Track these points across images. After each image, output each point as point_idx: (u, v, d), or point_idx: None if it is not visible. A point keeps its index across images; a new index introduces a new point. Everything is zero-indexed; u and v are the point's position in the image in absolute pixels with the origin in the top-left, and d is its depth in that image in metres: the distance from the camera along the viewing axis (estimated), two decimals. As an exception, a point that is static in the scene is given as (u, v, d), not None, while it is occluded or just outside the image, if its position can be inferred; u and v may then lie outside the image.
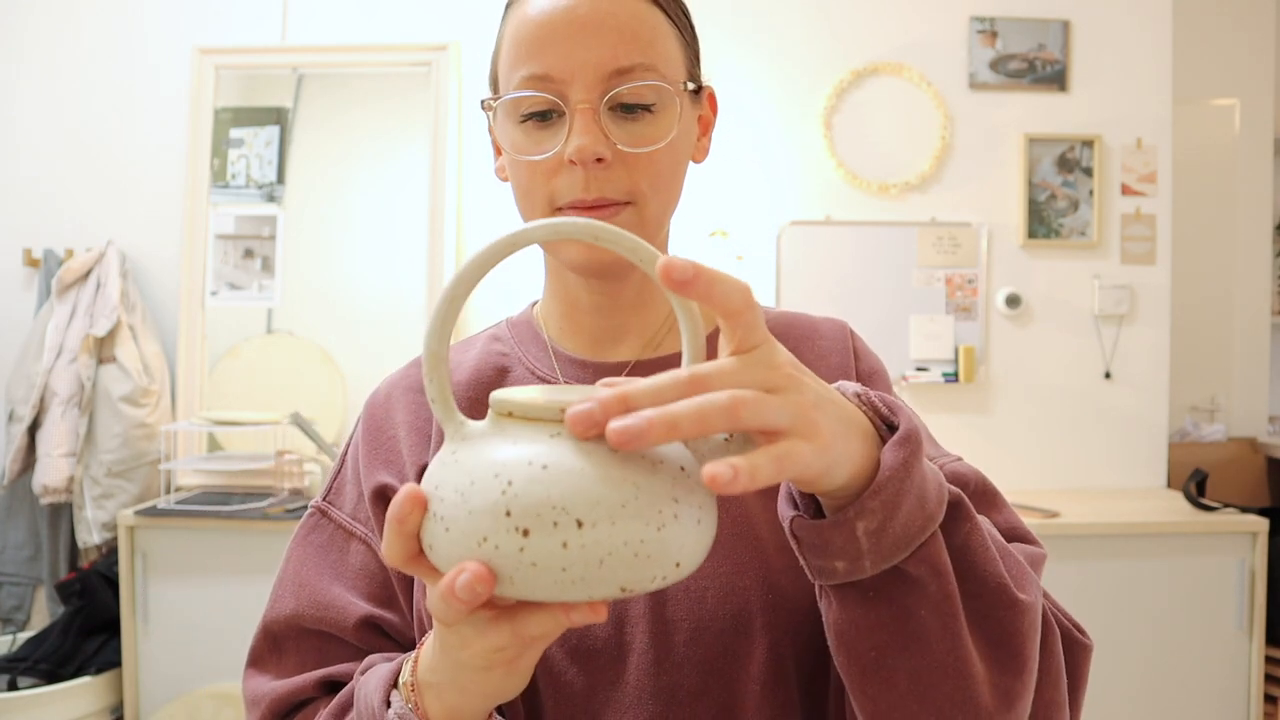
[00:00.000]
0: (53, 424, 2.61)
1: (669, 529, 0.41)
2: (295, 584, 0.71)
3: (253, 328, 2.86)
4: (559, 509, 0.39)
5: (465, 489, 0.41)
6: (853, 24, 2.80)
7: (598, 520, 0.39)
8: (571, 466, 0.40)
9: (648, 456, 0.41)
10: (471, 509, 0.40)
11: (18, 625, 2.73)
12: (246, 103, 2.87)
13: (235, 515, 2.38)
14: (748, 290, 0.43)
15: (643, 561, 0.40)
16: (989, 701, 0.51)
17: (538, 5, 0.65)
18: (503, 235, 0.44)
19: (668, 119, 0.67)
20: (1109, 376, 2.80)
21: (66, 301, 2.70)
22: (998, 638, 0.52)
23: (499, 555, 0.39)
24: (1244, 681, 2.33)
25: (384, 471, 0.71)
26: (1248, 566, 2.32)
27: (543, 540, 0.39)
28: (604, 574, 0.39)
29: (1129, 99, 2.79)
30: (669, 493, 0.41)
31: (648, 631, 0.64)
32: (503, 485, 0.40)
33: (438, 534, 0.42)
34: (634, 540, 0.39)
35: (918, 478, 0.48)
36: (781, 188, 2.80)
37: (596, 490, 0.39)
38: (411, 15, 2.81)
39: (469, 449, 0.43)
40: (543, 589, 0.40)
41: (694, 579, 0.64)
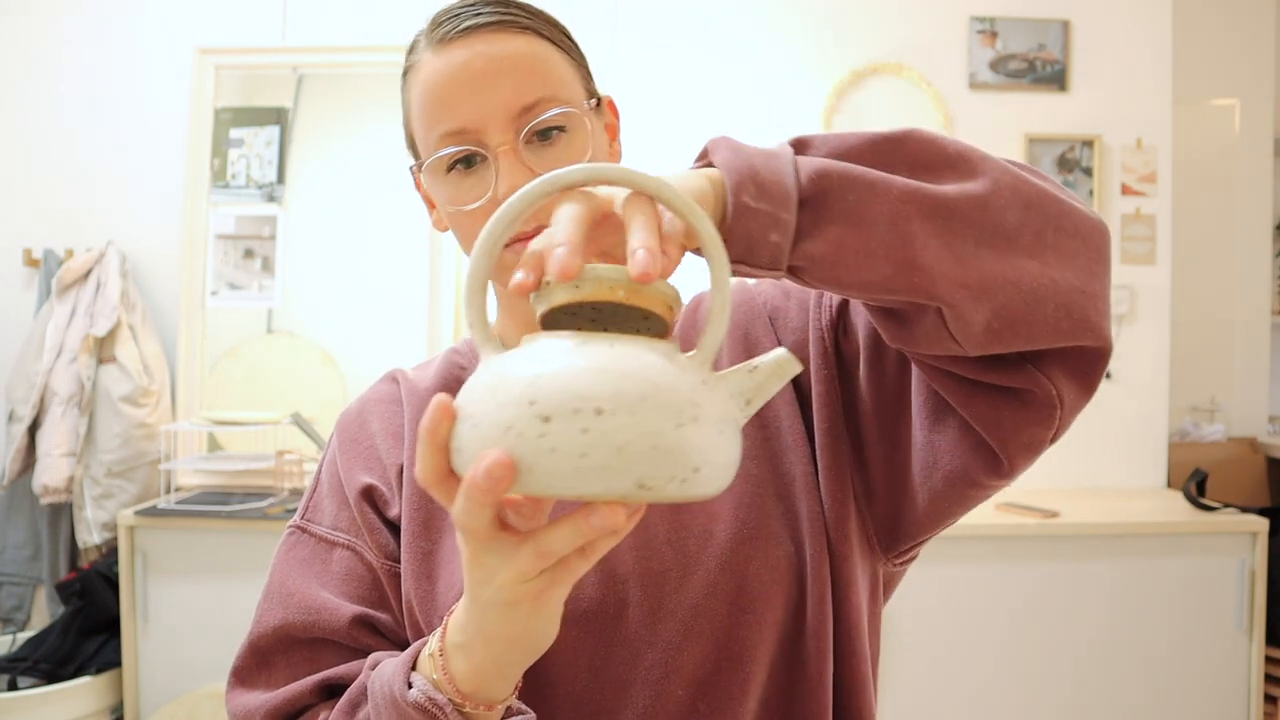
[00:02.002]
0: (53, 424, 2.61)
1: (688, 429, 0.42)
2: (281, 595, 0.71)
3: (253, 328, 2.86)
4: (580, 397, 0.40)
5: (495, 386, 0.42)
6: (853, 24, 2.80)
7: (617, 409, 0.40)
8: (597, 364, 0.41)
9: (669, 366, 0.43)
10: (500, 402, 0.42)
11: (18, 625, 2.74)
12: (247, 103, 2.87)
13: (235, 515, 2.38)
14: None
15: (661, 455, 0.41)
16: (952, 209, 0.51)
17: (434, 67, 0.71)
18: (546, 176, 0.46)
19: (581, 138, 0.70)
20: (1109, 376, 2.80)
21: (66, 301, 2.70)
22: (928, 174, 0.52)
23: (521, 443, 0.40)
24: (1244, 681, 2.33)
25: (365, 474, 0.74)
26: (1248, 566, 2.32)
27: (563, 425, 0.40)
28: (622, 463, 0.40)
29: (1129, 99, 2.79)
30: (689, 397, 0.42)
31: (638, 587, 0.66)
32: (529, 377, 0.41)
33: (465, 434, 0.43)
34: (652, 432, 0.40)
35: (748, 152, 0.51)
36: (781, 188, 2.79)
37: (618, 384, 0.41)
38: (411, 15, 2.80)
39: (500, 360, 0.44)
40: (563, 478, 0.40)
41: (673, 530, 0.67)
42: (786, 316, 0.74)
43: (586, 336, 0.44)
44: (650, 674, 0.66)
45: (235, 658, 0.71)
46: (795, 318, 0.74)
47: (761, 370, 0.48)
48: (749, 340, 0.75)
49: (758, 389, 0.48)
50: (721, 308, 0.47)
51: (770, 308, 0.76)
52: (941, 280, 0.51)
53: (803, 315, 0.73)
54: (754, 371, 0.48)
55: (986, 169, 0.53)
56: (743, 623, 0.66)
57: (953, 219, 0.51)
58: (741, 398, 0.48)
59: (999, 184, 0.53)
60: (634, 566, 0.67)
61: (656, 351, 0.44)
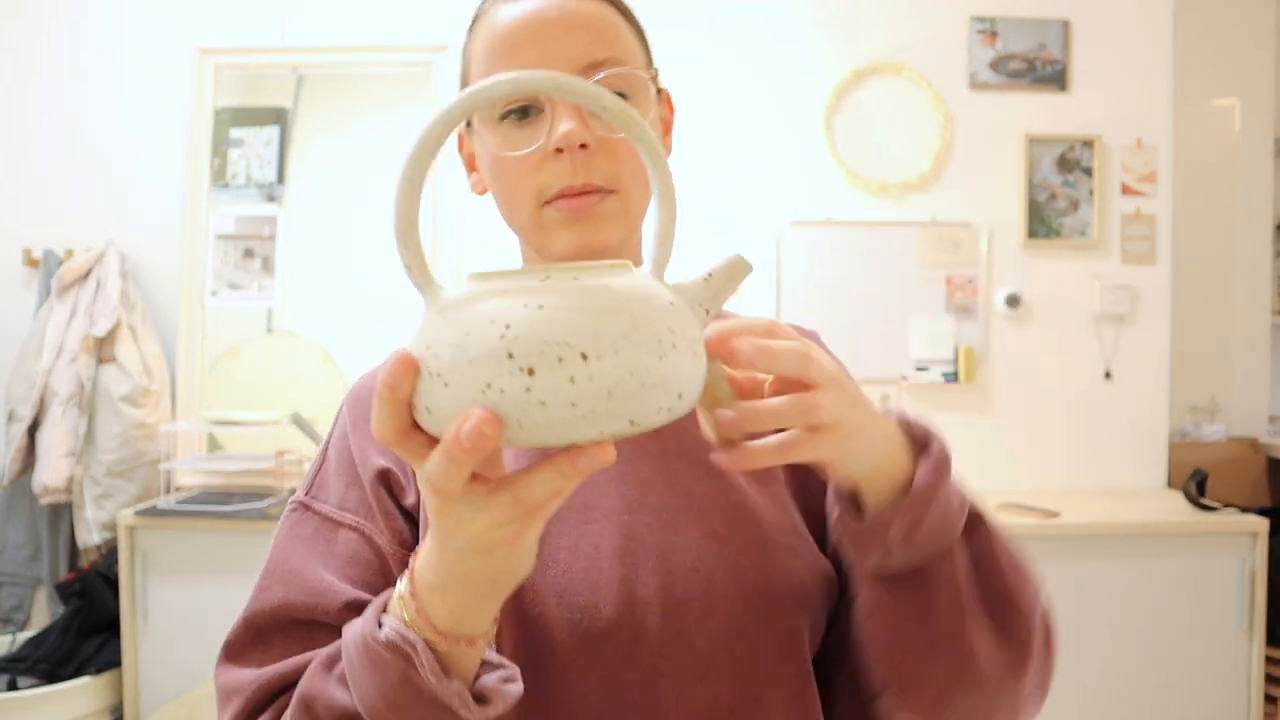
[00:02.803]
0: (53, 424, 2.61)
1: (670, 357, 0.41)
2: (283, 574, 0.68)
3: (253, 328, 2.85)
4: (562, 344, 0.39)
5: (461, 341, 0.40)
6: (853, 24, 2.80)
7: (602, 351, 0.39)
8: (569, 301, 0.40)
9: (640, 290, 0.42)
10: (471, 358, 0.39)
11: (18, 625, 2.73)
12: (247, 103, 2.87)
13: (235, 515, 2.38)
14: (802, 354, 0.50)
15: (649, 390, 0.40)
16: (991, 671, 0.61)
17: (506, 13, 0.68)
18: (468, 90, 0.43)
19: (642, 107, 0.69)
20: (1109, 376, 2.80)
21: (66, 301, 2.70)
22: (1002, 622, 0.61)
23: (505, 399, 0.39)
24: (1244, 682, 2.33)
25: (381, 456, 0.70)
26: (1248, 566, 2.32)
27: (549, 377, 0.38)
28: (613, 406, 0.39)
29: (1129, 99, 2.79)
30: (665, 323, 0.42)
31: (659, 613, 0.64)
32: (500, 329, 0.39)
33: (435, 392, 0.40)
34: (639, 369, 0.40)
35: (944, 493, 0.57)
36: (781, 188, 2.79)
37: (597, 322, 0.39)
38: (411, 15, 2.80)
39: (457, 305, 0.42)
40: (553, 429, 0.39)
41: (700, 559, 0.66)
42: None
43: (548, 269, 0.42)
44: (663, 703, 0.64)
45: (228, 633, 0.68)
46: None
47: (716, 277, 0.48)
48: None
49: (715, 295, 0.48)
50: (669, 216, 0.47)
51: None
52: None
53: None
54: (709, 279, 0.48)
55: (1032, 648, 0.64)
56: (764, 664, 0.65)
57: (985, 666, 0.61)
58: (701, 308, 0.47)
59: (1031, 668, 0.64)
60: (656, 591, 0.65)
61: (622, 276, 0.43)
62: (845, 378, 0.53)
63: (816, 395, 0.50)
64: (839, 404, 0.51)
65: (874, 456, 0.55)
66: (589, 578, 0.65)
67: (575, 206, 0.67)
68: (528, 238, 0.71)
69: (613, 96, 0.44)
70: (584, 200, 0.67)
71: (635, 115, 0.45)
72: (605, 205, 0.68)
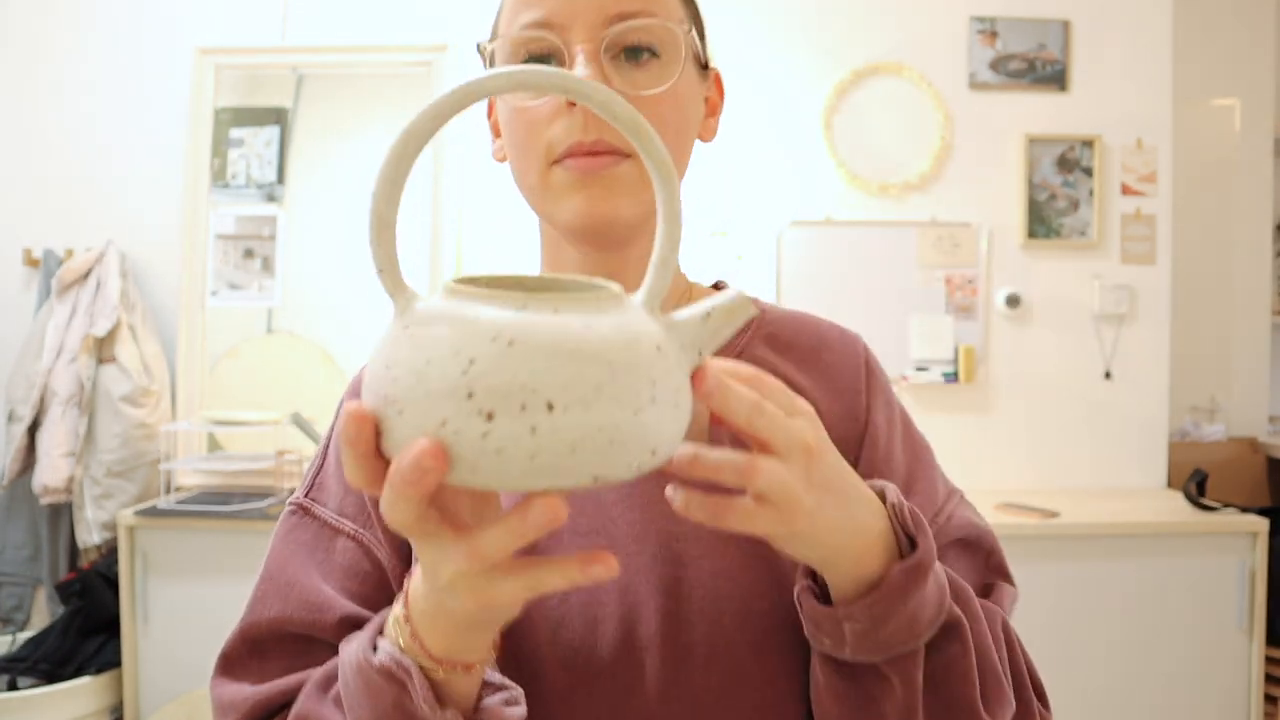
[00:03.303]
0: (53, 424, 2.61)
1: (646, 413, 0.38)
2: (281, 584, 0.64)
3: (253, 328, 2.85)
4: (527, 389, 0.36)
5: (421, 368, 0.37)
6: (853, 24, 2.80)
7: (570, 403, 0.36)
8: (541, 342, 0.36)
9: (624, 333, 0.39)
10: (429, 390, 0.36)
11: (17, 625, 2.73)
12: (246, 103, 2.87)
13: (235, 515, 2.38)
14: (753, 405, 0.44)
15: (618, 448, 0.37)
16: None
17: None
18: (458, 84, 0.40)
19: (672, 70, 0.63)
20: (1109, 376, 2.80)
21: (66, 301, 2.70)
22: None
23: (460, 440, 0.36)
24: (1244, 682, 2.33)
25: None
26: (1248, 566, 2.32)
27: (509, 424, 0.35)
28: (576, 462, 0.36)
29: (1129, 99, 2.79)
30: (646, 373, 0.38)
31: (659, 656, 0.61)
32: (464, 364, 0.36)
33: (391, 419, 0.38)
34: (609, 425, 0.37)
35: (915, 602, 0.52)
36: (781, 188, 2.79)
37: (569, 370, 0.36)
38: (411, 15, 2.80)
39: (423, 322, 0.38)
40: (508, 477, 0.37)
41: (708, 600, 0.62)
42: (879, 453, 0.68)
43: (524, 299, 0.38)
44: None
45: (225, 643, 0.66)
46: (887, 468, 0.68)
47: (716, 315, 0.44)
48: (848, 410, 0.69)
49: (711, 336, 0.44)
50: (672, 243, 0.43)
51: (882, 404, 0.70)
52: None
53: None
54: (708, 318, 0.44)
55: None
56: (766, 713, 0.61)
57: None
58: (694, 349, 0.43)
59: None
60: (656, 634, 0.61)
61: (606, 313, 0.39)
62: (818, 448, 0.47)
63: (759, 461, 0.44)
64: (792, 477, 0.45)
65: (831, 547, 0.50)
66: (587, 613, 0.61)
67: (585, 167, 0.61)
68: (536, 202, 0.66)
69: (625, 104, 0.41)
70: (596, 161, 0.61)
71: (647, 128, 0.42)
72: (620, 170, 0.61)
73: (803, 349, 0.71)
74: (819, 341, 0.72)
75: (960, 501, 0.70)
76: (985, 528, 0.70)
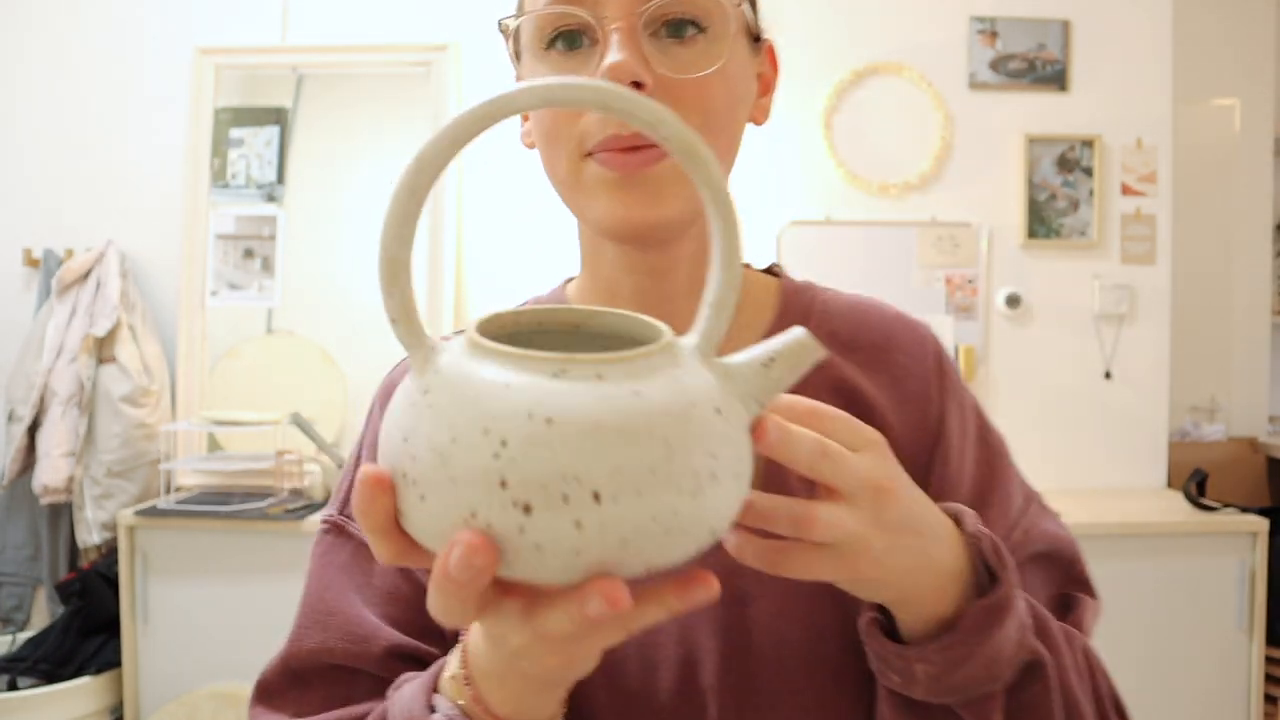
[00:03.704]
0: (53, 424, 2.61)
1: (706, 492, 0.33)
2: (321, 612, 0.60)
3: (253, 328, 2.85)
4: (569, 478, 0.31)
5: (444, 448, 0.32)
6: (853, 24, 2.80)
7: (619, 492, 0.31)
8: (585, 419, 0.31)
9: (680, 399, 0.34)
10: (454, 475, 0.32)
11: (17, 625, 2.73)
12: (246, 103, 2.87)
13: (235, 515, 2.38)
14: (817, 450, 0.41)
15: (675, 536, 0.33)
16: None
17: None
18: (480, 102, 0.34)
19: (721, 49, 0.55)
20: (1109, 376, 2.80)
21: (66, 301, 2.70)
22: None
23: (493, 533, 0.32)
24: (1244, 682, 2.33)
25: None
26: (1248, 566, 2.32)
27: (550, 519, 0.31)
28: (627, 555, 0.32)
29: (1129, 99, 2.79)
30: (706, 445, 0.34)
31: (719, 703, 0.56)
32: (494, 446, 0.31)
33: (411, 503, 0.34)
34: (665, 513, 0.32)
35: (995, 643, 0.48)
36: (781, 188, 2.79)
37: (618, 452, 0.31)
38: (411, 15, 2.80)
39: (446, 388, 0.34)
40: (550, 573, 0.33)
41: (773, 644, 0.57)
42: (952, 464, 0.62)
43: (562, 363, 0.33)
44: None
45: (265, 670, 0.62)
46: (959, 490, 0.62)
47: (780, 363, 0.39)
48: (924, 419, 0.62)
49: (774, 386, 0.39)
50: (731, 279, 0.37)
51: (956, 408, 0.64)
52: None
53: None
54: (770, 366, 0.38)
55: None
56: None
57: None
58: (755, 401, 0.38)
59: None
60: (717, 680, 0.56)
61: (658, 374, 0.34)
62: (890, 486, 0.43)
63: (816, 510, 0.41)
64: (858, 523, 0.41)
65: (902, 588, 0.46)
66: (643, 656, 0.57)
67: (623, 166, 0.54)
68: (568, 196, 0.59)
69: (676, 122, 0.35)
70: (634, 158, 0.54)
71: (703, 152, 0.35)
72: (662, 168, 0.54)
73: (868, 348, 0.64)
74: (886, 339, 0.65)
75: (1039, 509, 0.66)
76: (1066, 537, 0.65)
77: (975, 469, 0.63)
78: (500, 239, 2.79)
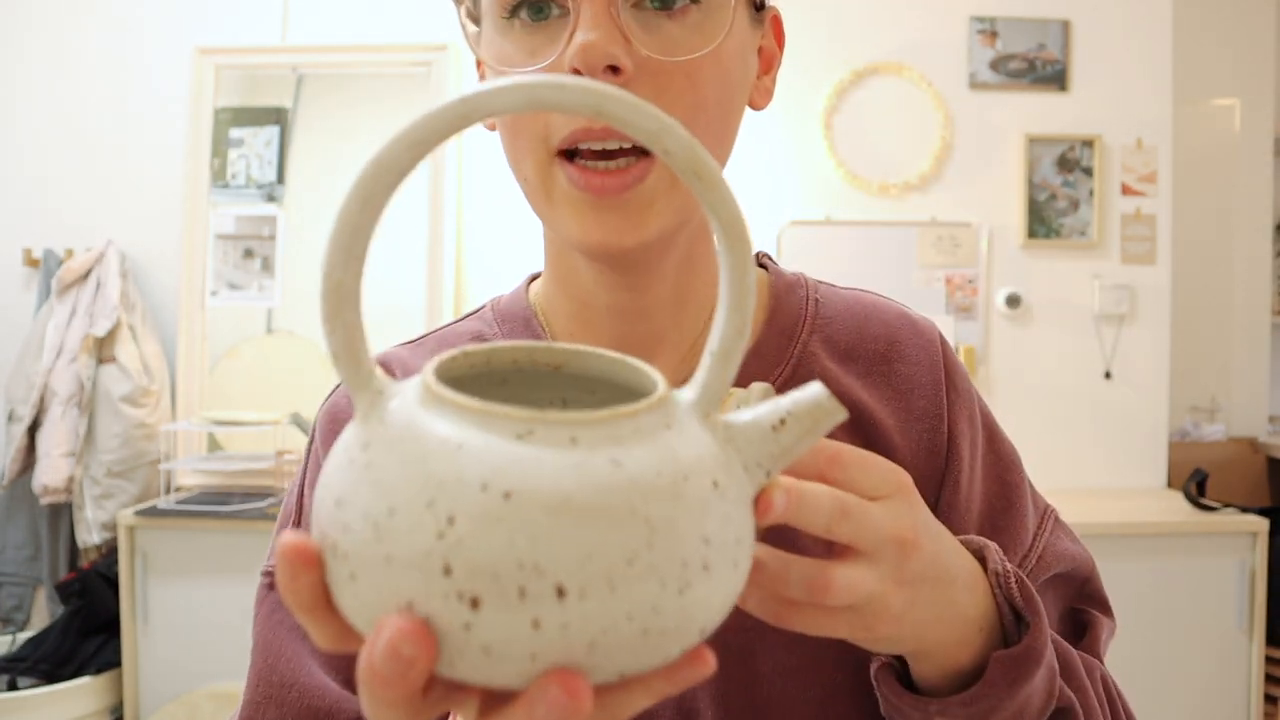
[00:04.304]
0: (52, 424, 2.61)
1: (696, 587, 0.27)
2: (276, 686, 0.52)
3: (253, 328, 2.86)
4: (529, 568, 0.25)
5: (380, 520, 0.26)
6: (853, 24, 2.80)
7: (590, 586, 0.25)
8: (551, 494, 0.25)
9: (670, 470, 0.27)
10: (390, 554, 0.26)
11: (17, 625, 2.73)
12: (246, 103, 2.87)
13: (235, 515, 2.38)
14: (839, 510, 0.36)
15: (654, 639, 0.27)
16: None
17: None
18: (448, 101, 0.28)
19: (718, 23, 0.47)
20: (1109, 376, 2.79)
21: (66, 301, 2.70)
22: None
23: (431, 628, 0.26)
24: (1244, 682, 2.33)
25: None
26: (1248, 567, 2.32)
27: (502, 617, 0.25)
28: (595, 660, 0.26)
29: (1129, 99, 2.79)
30: (698, 530, 0.27)
31: None
32: (439, 523, 0.25)
33: (340, 580, 0.27)
34: (643, 611, 0.26)
35: (1021, 698, 0.43)
36: (781, 188, 2.79)
37: (589, 536, 0.25)
38: (411, 15, 2.80)
39: (389, 445, 0.27)
40: (501, 678, 0.27)
41: (782, 707, 0.51)
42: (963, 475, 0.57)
43: (528, 421, 0.27)
44: None
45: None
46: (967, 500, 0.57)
47: (792, 426, 0.32)
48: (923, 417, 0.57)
49: (785, 453, 0.32)
50: (737, 329, 0.31)
51: (966, 417, 0.58)
52: None
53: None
54: (781, 429, 0.32)
55: None
56: None
57: None
58: (761, 469, 0.32)
59: None
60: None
61: (645, 438, 0.28)
62: (914, 538, 0.38)
63: (833, 574, 0.36)
64: (878, 581, 0.37)
65: (923, 640, 0.41)
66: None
67: (600, 190, 0.46)
68: (535, 202, 0.51)
69: (683, 136, 0.28)
70: (611, 181, 0.46)
71: (715, 174, 0.29)
72: (644, 189, 0.47)
73: (869, 356, 0.59)
74: (889, 345, 0.60)
75: (1053, 527, 0.61)
76: (1082, 555, 0.61)
77: (987, 486, 0.59)
78: (503, 224, 2.78)
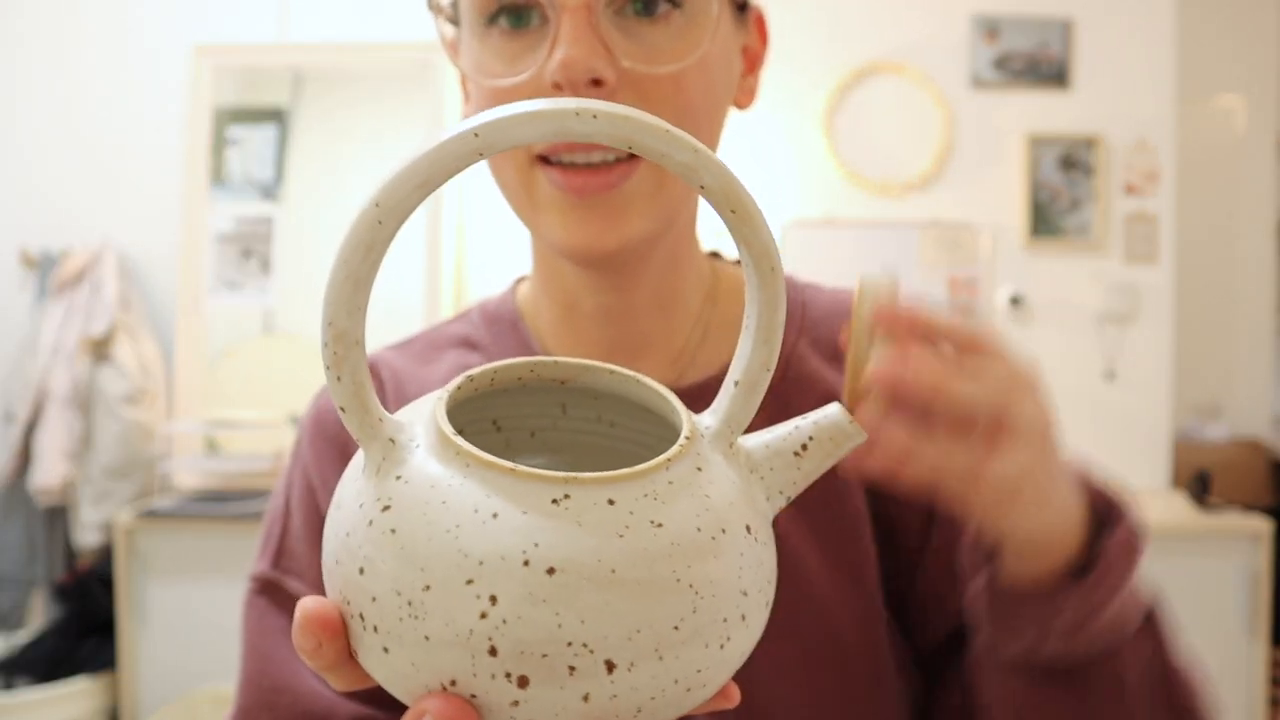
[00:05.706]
0: (49, 424, 2.60)
1: (735, 640, 0.28)
2: (268, 691, 0.52)
3: (251, 328, 2.84)
4: (579, 647, 0.25)
5: (415, 596, 0.25)
6: (853, 23, 2.79)
7: (638, 659, 0.25)
8: (597, 569, 0.25)
9: (709, 526, 0.27)
10: (428, 633, 0.25)
11: (14, 627, 2.72)
12: (245, 102, 2.86)
13: (233, 516, 2.37)
14: (1006, 386, 0.37)
15: (696, 693, 0.28)
16: None
17: None
18: (461, 130, 0.26)
19: (701, 30, 0.47)
20: (1112, 377, 2.78)
21: (63, 301, 2.69)
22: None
23: (478, 707, 0.26)
24: (1248, 684, 2.32)
25: None
26: (1252, 568, 2.31)
27: (551, 693, 0.25)
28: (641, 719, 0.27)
29: (1132, 98, 2.78)
30: (737, 584, 0.27)
31: None
32: (482, 602, 0.25)
33: (371, 650, 0.27)
34: (689, 673, 0.27)
35: (1131, 585, 0.44)
36: (781, 188, 2.78)
37: (638, 609, 0.25)
38: (411, 15, 2.79)
39: (414, 510, 0.26)
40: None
41: (778, 709, 0.50)
42: None
43: (563, 484, 0.26)
44: None
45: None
46: None
47: (814, 453, 0.32)
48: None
49: (805, 477, 0.32)
50: (763, 361, 0.31)
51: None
52: None
53: None
54: (804, 455, 0.32)
55: None
56: None
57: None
58: (782, 496, 0.32)
59: None
60: None
61: (680, 493, 0.27)
62: (1048, 420, 0.39)
63: (990, 459, 0.36)
64: (1023, 465, 0.38)
65: (1040, 525, 0.41)
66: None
67: (581, 190, 0.46)
68: (517, 208, 0.51)
69: (719, 166, 0.28)
70: (593, 180, 0.46)
71: (750, 205, 0.29)
72: (627, 190, 0.47)
73: None
74: None
75: None
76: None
77: None
78: (502, 223, 2.77)
